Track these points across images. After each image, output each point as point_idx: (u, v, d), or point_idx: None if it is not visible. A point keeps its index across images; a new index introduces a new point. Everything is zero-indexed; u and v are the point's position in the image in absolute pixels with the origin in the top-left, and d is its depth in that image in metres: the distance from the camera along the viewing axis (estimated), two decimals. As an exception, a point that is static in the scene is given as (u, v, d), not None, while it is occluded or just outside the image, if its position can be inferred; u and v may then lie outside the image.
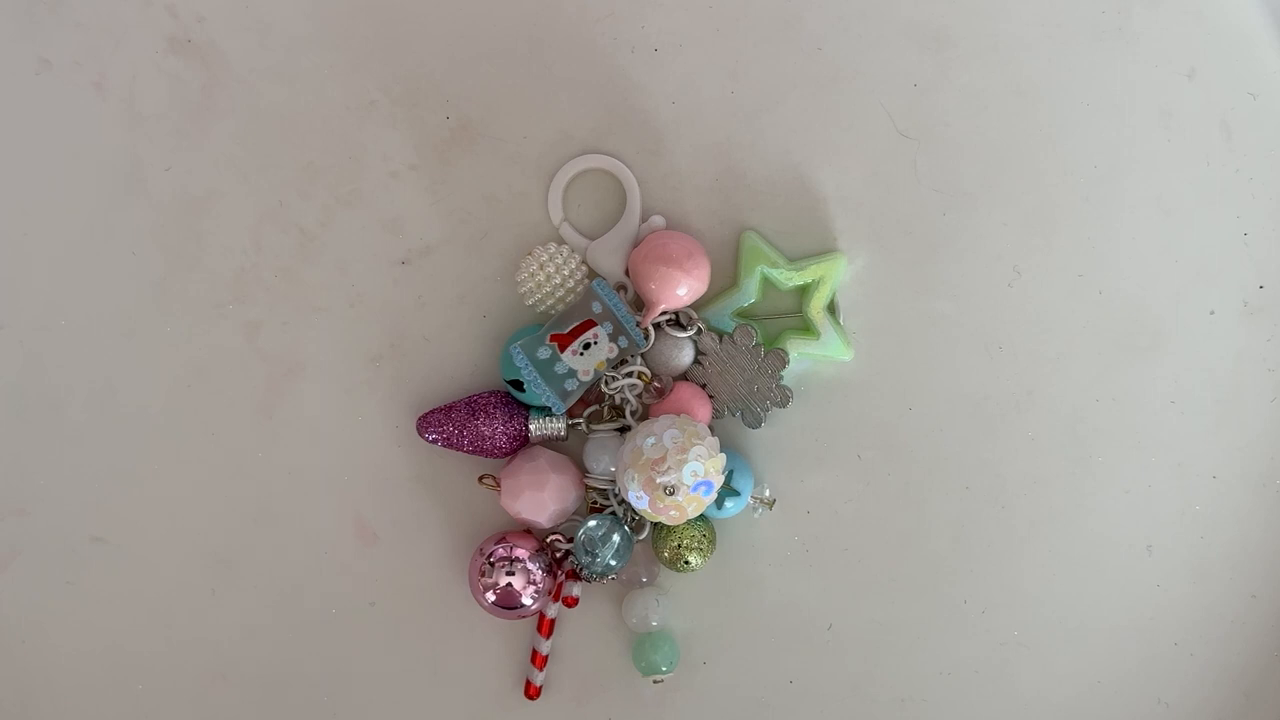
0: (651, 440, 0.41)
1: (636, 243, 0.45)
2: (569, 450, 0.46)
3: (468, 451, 0.45)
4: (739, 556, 0.47)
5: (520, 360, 0.42)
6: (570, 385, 0.43)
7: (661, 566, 0.46)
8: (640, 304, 0.45)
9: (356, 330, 0.47)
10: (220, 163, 0.47)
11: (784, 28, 0.46)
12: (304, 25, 0.47)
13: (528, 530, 0.46)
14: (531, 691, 0.47)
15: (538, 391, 0.43)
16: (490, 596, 0.44)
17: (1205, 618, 0.48)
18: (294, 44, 0.47)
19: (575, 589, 0.46)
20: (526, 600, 0.44)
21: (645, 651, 0.46)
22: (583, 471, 0.46)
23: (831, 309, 0.46)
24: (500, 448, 0.45)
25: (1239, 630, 0.48)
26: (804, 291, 0.46)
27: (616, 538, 0.44)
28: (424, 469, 0.47)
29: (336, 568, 0.47)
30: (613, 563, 0.44)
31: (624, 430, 0.45)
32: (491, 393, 0.45)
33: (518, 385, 0.44)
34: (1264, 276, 0.47)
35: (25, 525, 0.47)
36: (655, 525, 0.46)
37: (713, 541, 0.46)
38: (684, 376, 0.45)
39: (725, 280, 0.46)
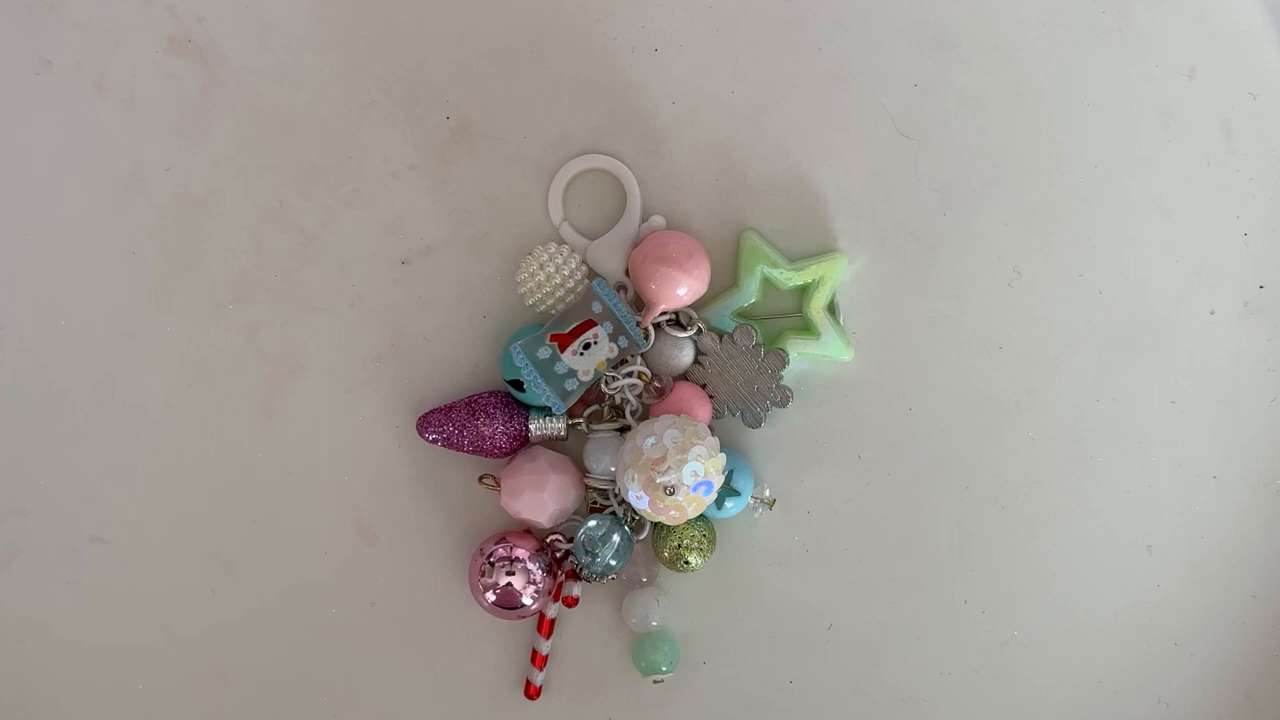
0: (651, 440, 0.41)
1: (636, 243, 0.45)
2: (569, 450, 0.46)
3: (468, 451, 0.45)
4: (739, 556, 0.47)
5: (520, 360, 0.42)
6: (570, 385, 0.43)
7: (661, 566, 0.46)
8: (640, 304, 0.45)
9: (356, 330, 0.47)
10: (220, 163, 0.47)
11: (784, 28, 0.46)
12: (304, 25, 0.47)
13: (528, 530, 0.46)
14: (531, 691, 0.47)
15: (538, 391, 0.43)
16: (490, 596, 0.44)
17: (1205, 618, 0.47)
18: (294, 44, 0.47)
19: (575, 589, 0.46)
20: (526, 600, 0.44)
21: (645, 651, 0.46)
22: (583, 471, 0.46)
23: (831, 309, 0.46)
24: (500, 448, 0.45)
25: (1239, 630, 0.48)
26: (804, 291, 0.46)
27: (616, 538, 0.44)
28: (424, 469, 0.47)
29: (336, 568, 0.47)
30: (613, 563, 0.44)
31: (624, 430, 0.45)
32: (491, 393, 0.45)
33: (518, 385, 0.44)
34: (1264, 276, 0.47)
35: (25, 525, 0.47)
36: (655, 525, 0.46)
37: (713, 541, 0.46)
38: (684, 376, 0.45)
39: (725, 280, 0.46)
